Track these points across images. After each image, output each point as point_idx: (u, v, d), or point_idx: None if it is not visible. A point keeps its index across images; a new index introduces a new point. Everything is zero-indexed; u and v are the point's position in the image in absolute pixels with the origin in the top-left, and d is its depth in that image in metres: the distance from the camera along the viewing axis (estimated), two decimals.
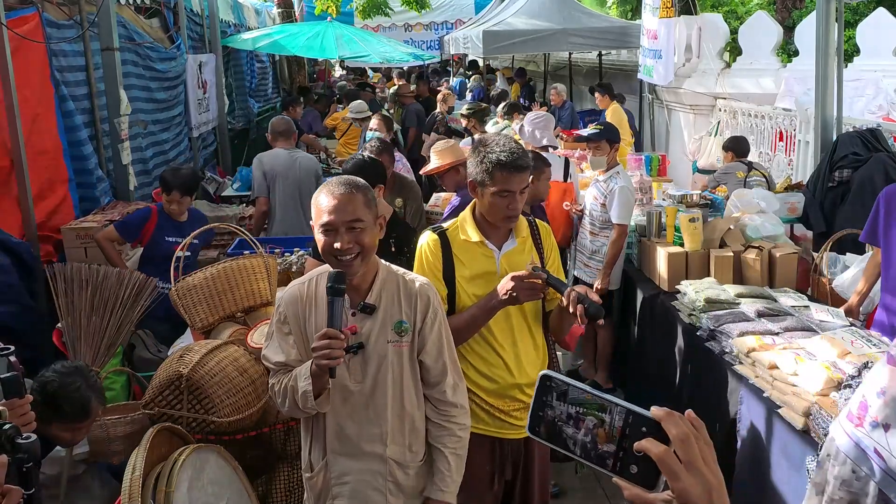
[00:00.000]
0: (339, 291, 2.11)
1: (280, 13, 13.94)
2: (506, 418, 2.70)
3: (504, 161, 2.54)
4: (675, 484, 0.86)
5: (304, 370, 2.18)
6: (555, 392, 0.99)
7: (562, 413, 0.98)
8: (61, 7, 5.61)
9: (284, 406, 2.25)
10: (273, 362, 2.30)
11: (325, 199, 2.19)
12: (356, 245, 2.16)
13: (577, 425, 0.96)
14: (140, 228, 4.59)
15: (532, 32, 10.41)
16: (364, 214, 2.18)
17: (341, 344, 2.05)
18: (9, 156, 4.64)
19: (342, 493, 2.29)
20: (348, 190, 2.19)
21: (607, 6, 20.22)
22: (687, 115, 9.31)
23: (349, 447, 2.28)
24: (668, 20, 8.38)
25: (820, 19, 5.31)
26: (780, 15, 13.01)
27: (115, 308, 3.51)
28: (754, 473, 3.18)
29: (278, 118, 6.30)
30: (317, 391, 2.16)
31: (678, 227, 4.40)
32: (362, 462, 2.28)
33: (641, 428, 0.92)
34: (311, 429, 2.35)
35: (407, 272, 2.39)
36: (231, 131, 10.46)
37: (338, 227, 2.16)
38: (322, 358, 2.04)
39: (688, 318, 3.86)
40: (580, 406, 0.96)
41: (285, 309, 2.29)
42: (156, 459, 2.57)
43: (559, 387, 0.99)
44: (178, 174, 4.67)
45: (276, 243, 4.67)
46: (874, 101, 6.37)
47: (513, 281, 2.46)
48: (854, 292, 3.81)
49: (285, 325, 2.29)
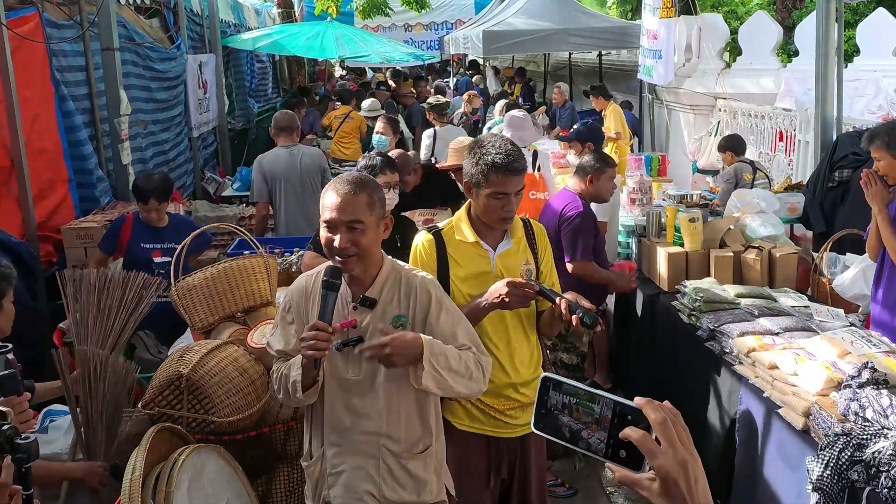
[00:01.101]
0: (333, 286, 2.15)
1: (280, 13, 13.95)
2: (501, 417, 2.71)
3: (500, 163, 2.55)
4: (654, 462, 1.00)
5: (297, 360, 2.22)
6: (553, 391, 1.12)
7: (561, 409, 1.10)
8: (61, 7, 5.61)
9: (280, 394, 2.30)
10: (275, 350, 2.36)
11: (331, 195, 2.21)
12: (353, 246, 2.17)
13: (574, 419, 1.08)
14: (116, 238, 4.47)
15: (532, 32, 10.41)
16: (364, 216, 2.19)
17: (327, 337, 2.08)
18: (9, 156, 4.64)
19: (338, 483, 2.31)
20: (352, 189, 2.20)
21: (607, 6, 20.21)
22: (687, 115, 9.31)
23: (345, 438, 2.29)
24: (668, 20, 8.38)
25: (820, 19, 5.31)
26: (780, 15, 13.01)
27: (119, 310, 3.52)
28: (754, 473, 3.18)
29: (281, 112, 6.12)
30: (306, 383, 2.19)
31: (678, 227, 4.40)
32: (357, 453, 2.29)
33: (627, 416, 1.04)
34: (311, 418, 2.39)
35: (412, 268, 2.41)
36: (231, 131, 10.47)
37: (337, 226, 2.18)
38: (307, 349, 2.08)
39: (688, 318, 3.86)
40: (575, 401, 1.09)
41: (291, 299, 2.35)
42: (156, 459, 2.57)
43: (558, 386, 1.11)
44: (150, 180, 4.48)
45: (276, 243, 4.67)
46: (874, 101, 6.36)
47: (507, 286, 2.48)
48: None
49: (289, 314, 2.34)
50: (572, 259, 4.07)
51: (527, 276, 2.68)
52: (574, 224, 4.07)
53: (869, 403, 2.57)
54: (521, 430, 2.74)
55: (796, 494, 2.83)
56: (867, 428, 2.53)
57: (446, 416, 2.66)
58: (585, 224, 4.10)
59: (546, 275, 2.79)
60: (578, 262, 4.08)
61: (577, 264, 4.08)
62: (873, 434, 2.47)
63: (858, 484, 2.42)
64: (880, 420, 2.51)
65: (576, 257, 4.07)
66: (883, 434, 2.45)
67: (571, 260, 4.08)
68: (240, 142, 11.05)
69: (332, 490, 2.32)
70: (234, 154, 10.45)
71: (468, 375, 2.24)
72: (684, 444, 1.01)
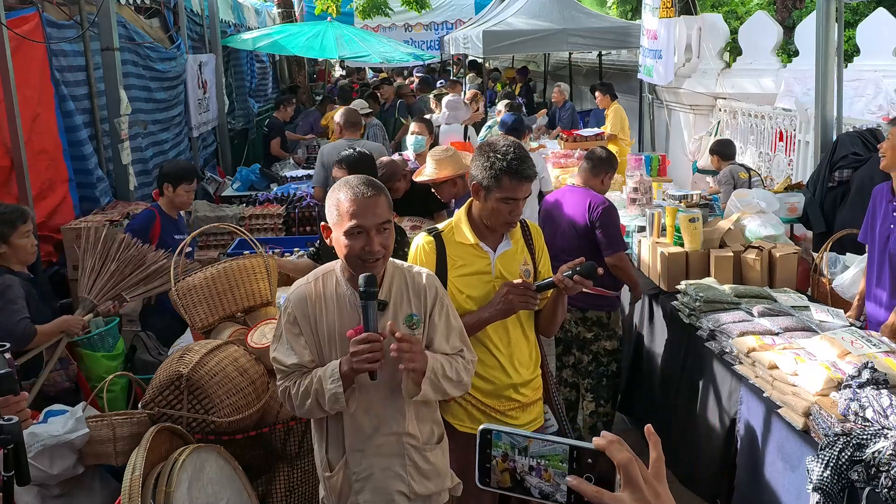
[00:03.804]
0: (373, 295, 2.11)
1: (280, 13, 13.95)
2: (502, 418, 2.71)
3: (514, 169, 2.55)
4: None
5: (329, 372, 2.17)
6: (497, 441, 1.03)
7: (508, 459, 1.02)
8: (61, 7, 5.61)
9: (303, 408, 2.23)
10: (287, 365, 2.26)
11: (351, 200, 2.16)
12: (382, 248, 2.17)
13: (525, 468, 1.01)
14: (148, 232, 4.52)
15: (532, 32, 10.41)
16: (390, 215, 2.21)
17: (380, 347, 2.07)
18: (9, 156, 4.64)
19: (366, 488, 2.30)
20: (375, 192, 2.18)
21: (607, 6, 20.21)
22: (687, 115, 9.31)
23: (368, 443, 2.29)
24: (668, 20, 8.38)
25: (820, 19, 5.31)
26: (780, 15, 13.00)
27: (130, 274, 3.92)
28: (754, 473, 3.18)
29: (348, 109, 6.61)
30: (347, 393, 2.18)
31: (678, 227, 4.40)
32: (382, 455, 2.29)
33: (587, 459, 0.98)
34: (325, 427, 2.34)
35: (412, 266, 2.41)
36: (231, 131, 10.47)
37: (369, 230, 2.14)
38: (364, 362, 2.06)
39: (688, 318, 3.86)
40: (525, 451, 1.01)
41: (294, 309, 2.27)
42: (156, 459, 2.57)
43: (499, 436, 1.03)
44: (178, 165, 4.75)
45: (277, 243, 4.67)
46: (874, 101, 6.36)
47: (507, 287, 2.53)
48: (857, 295, 3.83)
49: (295, 327, 2.27)
50: (615, 251, 4.10)
51: (525, 276, 2.70)
52: (612, 215, 4.13)
53: (869, 403, 2.57)
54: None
55: (796, 494, 2.83)
56: (867, 428, 2.53)
57: (447, 418, 2.66)
58: (617, 215, 4.19)
59: (543, 275, 2.80)
60: (619, 254, 4.13)
61: (617, 256, 4.11)
62: (873, 434, 2.47)
63: (858, 484, 2.42)
64: (880, 420, 2.51)
65: (617, 249, 4.12)
66: (883, 434, 2.45)
67: (614, 252, 4.09)
68: (240, 142, 11.05)
69: (360, 496, 2.30)
70: (234, 154, 10.45)
71: (458, 380, 2.30)
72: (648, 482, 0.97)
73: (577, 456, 0.98)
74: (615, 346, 4.28)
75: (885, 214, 3.56)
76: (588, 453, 0.98)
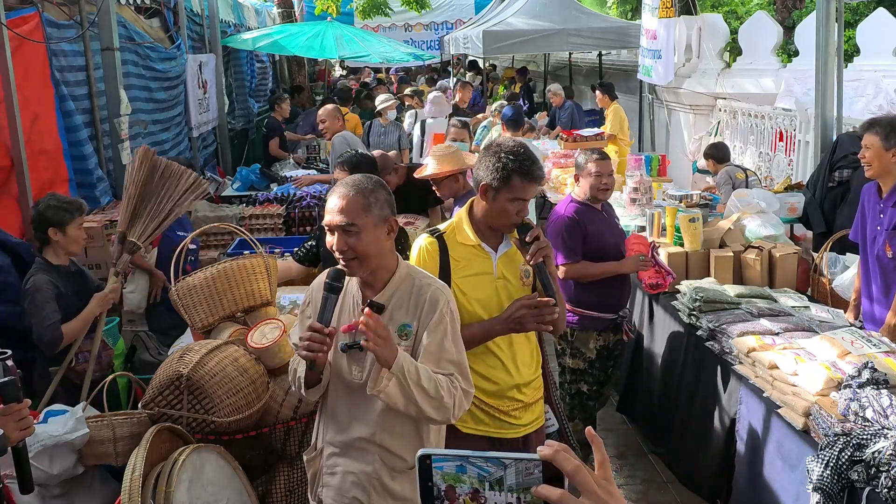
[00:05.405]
0: (335, 289, 2.16)
1: (280, 13, 13.94)
2: (504, 418, 2.71)
3: (525, 170, 2.56)
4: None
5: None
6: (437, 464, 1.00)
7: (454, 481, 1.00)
8: (61, 7, 5.61)
9: (294, 387, 2.34)
10: (292, 343, 2.42)
11: (331, 197, 2.23)
12: (349, 249, 2.16)
13: (473, 488, 1.00)
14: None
15: (532, 32, 10.41)
16: (359, 219, 2.15)
17: (322, 339, 2.08)
18: (9, 156, 4.64)
19: (330, 484, 2.33)
20: (346, 192, 2.19)
21: (607, 6, 20.20)
22: (687, 115, 9.31)
23: (342, 439, 2.30)
24: (668, 20, 8.38)
25: (820, 19, 5.31)
26: (780, 15, 12.99)
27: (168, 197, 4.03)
28: (754, 473, 3.18)
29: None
30: (310, 381, 2.23)
31: (678, 227, 4.40)
32: (351, 457, 2.29)
33: (534, 472, 0.99)
34: (320, 412, 2.42)
35: (428, 277, 2.34)
36: (231, 131, 10.46)
37: (333, 229, 2.19)
38: (302, 349, 2.10)
39: (688, 318, 3.86)
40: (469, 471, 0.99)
41: (311, 294, 2.37)
42: (156, 459, 2.57)
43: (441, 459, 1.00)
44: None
45: (277, 243, 4.67)
46: (874, 101, 6.36)
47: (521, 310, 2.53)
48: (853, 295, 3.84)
49: (308, 309, 2.37)
50: (558, 264, 3.80)
51: (525, 276, 2.70)
52: (552, 229, 3.88)
53: (869, 403, 2.57)
54: (523, 430, 2.75)
55: (796, 494, 2.83)
56: (867, 428, 2.53)
57: None
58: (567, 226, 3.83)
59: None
60: (565, 266, 3.82)
61: (565, 268, 3.82)
62: (873, 434, 2.47)
63: (858, 484, 2.42)
64: (880, 420, 2.52)
65: (558, 261, 3.80)
66: (883, 434, 2.45)
67: (558, 265, 3.78)
68: (240, 142, 11.04)
69: (324, 489, 2.35)
70: (234, 154, 10.44)
71: (438, 398, 2.13)
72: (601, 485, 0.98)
73: (524, 468, 0.99)
74: (580, 367, 3.92)
75: (872, 216, 3.56)
76: (535, 464, 0.99)
